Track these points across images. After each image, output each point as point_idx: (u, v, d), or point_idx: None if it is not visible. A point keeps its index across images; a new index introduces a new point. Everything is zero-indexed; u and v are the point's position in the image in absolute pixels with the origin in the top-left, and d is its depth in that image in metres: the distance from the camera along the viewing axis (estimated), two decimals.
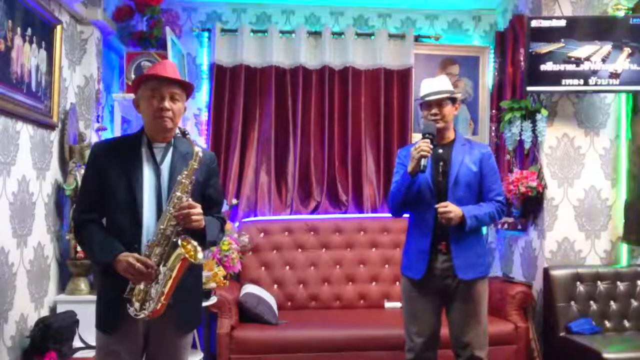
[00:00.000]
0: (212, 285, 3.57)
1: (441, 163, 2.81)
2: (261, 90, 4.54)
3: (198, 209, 2.02)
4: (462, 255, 2.76)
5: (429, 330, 2.82)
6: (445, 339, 2.87)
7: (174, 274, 1.98)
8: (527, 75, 3.81)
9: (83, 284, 3.28)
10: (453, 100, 2.87)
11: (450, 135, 2.90)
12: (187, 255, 1.97)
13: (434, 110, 2.82)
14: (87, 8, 3.62)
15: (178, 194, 2.02)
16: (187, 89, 2.18)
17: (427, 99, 2.84)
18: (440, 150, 2.84)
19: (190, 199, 2.03)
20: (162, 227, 2.01)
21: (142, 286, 1.98)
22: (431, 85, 2.87)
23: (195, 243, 2.02)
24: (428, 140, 2.70)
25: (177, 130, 2.16)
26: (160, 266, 1.99)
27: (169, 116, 2.09)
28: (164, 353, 2.14)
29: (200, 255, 2.01)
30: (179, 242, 1.99)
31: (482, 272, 2.81)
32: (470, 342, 2.78)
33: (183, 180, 2.04)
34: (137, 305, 1.98)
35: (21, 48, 2.84)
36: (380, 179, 4.60)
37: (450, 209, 2.69)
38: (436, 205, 2.71)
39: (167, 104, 2.08)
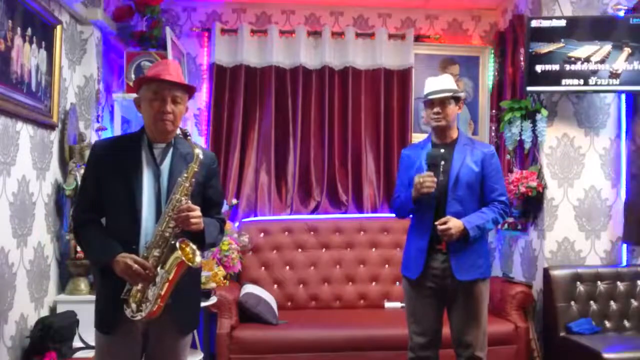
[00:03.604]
0: (212, 285, 3.57)
1: (442, 162, 2.78)
2: (261, 91, 4.54)
3: (197, 211, 2.01)
4: (461, 255, 2.73)
5: (428, 330, 2.81)
6: (447, 338, 2.86)
7: (171, 277, 1.97)
8: (527, 75, 3.80)
9: (83, 284, 3.28)
10: (456, 99, 2.83)
11: (453, 134, 2.87)
12: (184, 259, 1.96)
13: (436, 109, 2.80)
14: (87, 8, 3.62)
15: (177, 196, 2.01)
16: (189, 91, 2.17)
17: (429, 97, 2.81)
18: (442, 150, 2.81)
19: (189, 202, 2.01)
20: (160, 229, 2.00)
21: (139, 287, 1.97)
22: (435, 83, 2.84)
23: (194, 246, 2.01)
24: (432, 174, 2.68)
25: (178, 131, 2.15)
26: (158, 268, 1.98)
27: (170, 119, 2.08)
28: (163, 353, 2.14)
29: (198, 258, 2.00)
30: (177, 244, 1.98)
31: (482, 274, 2.78)
32: (472, 342, 2.76)
33: (183, 183, 2.02)
34: (134, 306, 1.97)
35: (21, 48, 2.83)
36: (380, 179, 4.59)
37: (450, 225, 2.65)
38: (436, 223, 2.68)
39: (168, 107, 2.06)
